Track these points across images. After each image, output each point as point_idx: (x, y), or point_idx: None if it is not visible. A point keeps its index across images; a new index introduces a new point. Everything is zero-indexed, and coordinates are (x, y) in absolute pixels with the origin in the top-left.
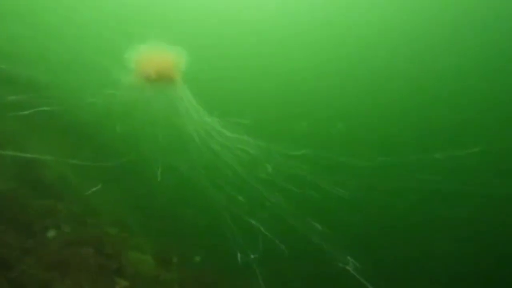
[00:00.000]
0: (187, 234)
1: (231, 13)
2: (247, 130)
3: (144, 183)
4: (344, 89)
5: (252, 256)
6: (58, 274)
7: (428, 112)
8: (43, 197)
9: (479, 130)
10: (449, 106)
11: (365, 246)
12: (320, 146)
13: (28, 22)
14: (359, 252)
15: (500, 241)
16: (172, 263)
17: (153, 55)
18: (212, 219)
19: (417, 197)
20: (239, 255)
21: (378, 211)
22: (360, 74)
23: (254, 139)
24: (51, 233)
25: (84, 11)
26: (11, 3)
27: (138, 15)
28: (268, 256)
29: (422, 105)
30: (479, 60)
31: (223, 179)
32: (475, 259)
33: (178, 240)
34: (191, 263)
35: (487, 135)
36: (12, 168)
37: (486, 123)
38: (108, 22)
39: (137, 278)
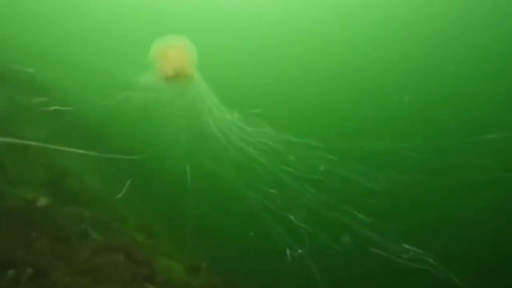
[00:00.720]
0: (223, 236)
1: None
2: (267, 123)
3: (169, 186)
4: (378, 74)
5: (299, 251)
6: (92, 280)
7: (473, 94)
8: (70, 204)
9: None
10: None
11: (418, 233)
12: (350, 135)
13: (49, 28)
14: (412, 240)
15: None
16: (202, 268)
17: (170, 53)
18: (249, 217)
19: (461, 181)
20: (288, 251)
21: (421, 197)
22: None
23: (276, 132)
24: (42, 201)
25: (99, 13)
26: (37, 12)
27: (153, 15)
28: (316, 250)
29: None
30: None
31: (253, 175)
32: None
33: (214, 243)
34: (221, 268)
35: None
36: (39, 176)
37: None
38: (125, 23)
39: (168, 285)
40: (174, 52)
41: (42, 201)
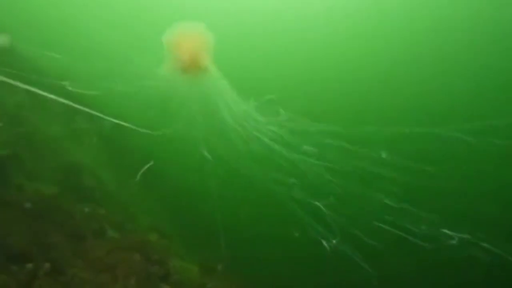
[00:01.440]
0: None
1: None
2: (286, 112)
3: (184, 183)
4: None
5: (334, 241)
6: (108, 278)
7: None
8: (84, 201)
9: None
10: None
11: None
12: (373, 121)
13: (72, 14)
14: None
15: None
16: (217, 270)
17: (184, 40)
18: (277, 209)
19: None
20: (325, 243)
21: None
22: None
23: (291, 121)
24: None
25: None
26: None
27: (169, 5)
28: (351, 239)
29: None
30: None
31: (274, 166)
32: None
33: (239, 242)
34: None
35: None
36: (55, 173)
37: None
38: (148, 13)
39: (183, 285)
40: (189, 39)
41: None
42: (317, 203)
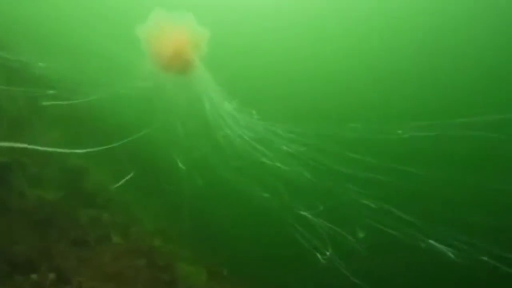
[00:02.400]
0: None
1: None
2: (266, 117)
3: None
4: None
5: (327, 253)
6: (115, 286)
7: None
8: (88, 206)
9: None
10: None
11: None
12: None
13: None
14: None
15: None
16: (223, 275)
17: (168, 33)
18: (267, 219)
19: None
20: (319, 255)
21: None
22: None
23: (276, 122)
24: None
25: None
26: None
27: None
28: (344, 250)
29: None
30: None
31: (257, 167)
32: None
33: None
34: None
35: None
36: (58, 177)
37: None
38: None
39: None
40: (172, 32)
41: None
42: (303, 212)
